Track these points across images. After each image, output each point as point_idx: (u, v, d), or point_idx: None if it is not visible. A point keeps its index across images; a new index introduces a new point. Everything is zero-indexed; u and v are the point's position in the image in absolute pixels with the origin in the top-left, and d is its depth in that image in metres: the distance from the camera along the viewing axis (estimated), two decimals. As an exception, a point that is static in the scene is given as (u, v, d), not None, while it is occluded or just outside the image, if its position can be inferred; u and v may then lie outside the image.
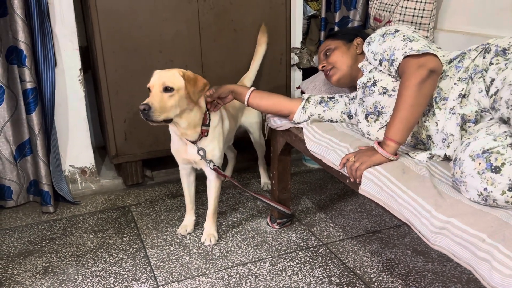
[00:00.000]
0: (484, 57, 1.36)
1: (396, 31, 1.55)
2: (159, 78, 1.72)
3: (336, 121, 1.81)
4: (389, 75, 1.55)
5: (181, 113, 1.75)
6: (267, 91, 1.93)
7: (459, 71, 1.40)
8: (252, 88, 1.89)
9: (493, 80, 1.29)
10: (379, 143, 1.41)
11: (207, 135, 1.87)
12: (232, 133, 2.19)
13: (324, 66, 1.83)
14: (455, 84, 1.39)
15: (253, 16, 2.46)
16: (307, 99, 1.83)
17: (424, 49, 1.41)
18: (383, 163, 1.38)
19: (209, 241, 2.00)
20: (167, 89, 1.69)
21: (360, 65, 1.71)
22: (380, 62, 1.55)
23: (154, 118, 1.66)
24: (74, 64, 2.33)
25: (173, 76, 1.73)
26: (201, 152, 1.86)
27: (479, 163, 1.13)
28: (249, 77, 2.44)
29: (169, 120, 1.73)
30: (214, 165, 1.90)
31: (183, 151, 1.93)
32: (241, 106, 2.21)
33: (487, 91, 1.31)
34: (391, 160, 1.39)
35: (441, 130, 1.41)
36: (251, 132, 2.36)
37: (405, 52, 1.43)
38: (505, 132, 1.16)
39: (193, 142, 1.87)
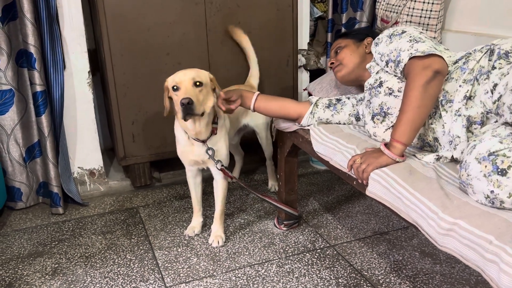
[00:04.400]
0: (489, 59, 1.36)
1: (403, 32, 1.54)
2: (185, 75, 1.73)
3: (344, 124, 1.81)
4: (395, 76, 1.55)
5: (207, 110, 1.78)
6: (273, 95, 1.92)
7: (464, 73, 1.40)
8: (258, 93, 1.89)
9: (496, 85, 1.29)
10: (386, 145, 1.41)
11: (216, 133, 1.88)
12: (231, 133, 2.20)
13: (333, 63, 1.84)
14: (460, 86, 1.38)
15: (260, 18, 2.47)
16: (315, 104, 1.83)
17: (429, 50, 1.40)
18: (389, 164, 1.38)
19: (216, 243, 2.01)
20: (196, 84, 1.72)
21: (367, 66, 1.71)
22: (387, 63, 1.56)
23: (195, 112, 1.67)
24: (83, 66, 2.35)
25: (199, 72, 1.77)
26: (210, 152, 1.86)
27: (485, 166, 1.12)
28: (253, 75, 2.42)
29: (203, 114, 1.75)
30: (222, 165, 1.90)
31: (190, 152, 1.93)
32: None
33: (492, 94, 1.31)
34: (398, 162, 1.39)
35: (447, 132, 1.40)
36: (257, 133, 2.37)
37: (411, 53, 1.43)
38: (511, 134, 1.15)
39: (203, 141, 1.87)
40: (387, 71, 1.59)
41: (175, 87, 1.72)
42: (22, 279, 1.82)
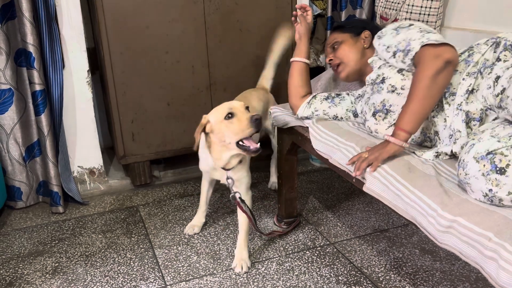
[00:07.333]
0: (494, 52, 1.35)
1: (411, 24, 1.54)
2: (236, 103, 1.74)
3: (341, 118, 1.80)
4: (399, 72, 1.54)
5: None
6: (305, 73, 1.87)
7: (468, 66, 1.39)
8: (306, 60, 1.86)
9: (498, 77, 1.28)
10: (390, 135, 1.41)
11: (242, 161, 1.84)
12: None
13: (331, 60, 1.82)
14: (463, 79, 1.38)
15: (259, 16, 2.47)
16: (314, 96, 1.82)
17: (442, 40, 1.40)
18: (397, 152, 1.38)
19: (240, 268, 1.83)
20: (247, 109, 1.74)
21: (369, 60, 1.69)
22: (394, 54, 1.53)
23: (263, 127, 1.73)
24: (82, 65, 2.35)
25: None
26: (230, 181, 1.83)
27: (484, 165, 1.12)
28: (266, 77, 2.38)
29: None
30: (239, 197, 1.84)
31: (213, 173, 1.92)
32: (265, 112, 2.22)
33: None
34: (404, 148, 1.39)
35: (449, 126, 1.40)
36: (270, 132, 2.34)
37: (423, 42, 1.42)
38: (509, 133, 1.15)
39: (226, 169, 1.83)
40: (390, 66, 1.58)
41: (230, 115, 1.70)
42: (23, 278, 1.83)
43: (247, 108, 1.74)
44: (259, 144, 1.71)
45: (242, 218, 1.89)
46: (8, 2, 2.08)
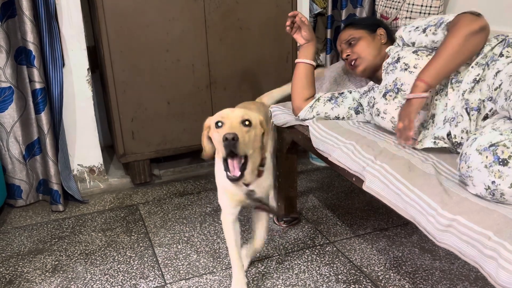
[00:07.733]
0: (502, 47, 1.39)
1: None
2: (233, 112, 1.47)
3: (343, 118, 1.80)
4: (414, 53, 1.57)
5: (251, 154, 1.47)
6: (311, 78, 1.83)
7: (477, 56, 1.43)
8: (313, 63, 1.82)
9: (499, 71, 1.30)
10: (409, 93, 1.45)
11: (262, 176, 1.59)
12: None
13: (349, 55, 1.81)
14: (472, 67, 1.41)
15: (259, 15, 2.47)
16: (317, 99, 1.82)
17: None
18: (421, 104, 1.41)
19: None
20: (245, 123, 1.43)
21: (387, 49, 1.73)
22: (424, 30, 1.58)
23: (239, 150, 1.37)
24: (82, 64, 2.35)
25: (249, 112, 1.50)
26: (252, 193, 1.58)
27: (486, 156, 1.13)
28: (273, 97, 2.18)
29: (246, 159, 1.44)
30: (259, 202, 1.63)
31: (237, 191, 1.60)
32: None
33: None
34: (425, 98, 1.41)
35: (450, 109, 1.42)
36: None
37: (456, 14, 1.46)
38: (511, 127, 1.16)
39: (247, 185, 1.57)
40: (406, 50, 1.61)
41: (219, 123, 1.43)
42: (23, 276, 1.83)
43: (246, 123, 1.43)
44: (239, 173, 1.41)
45: (262, 219, 1.75)
46: (8, 0, 2.08)
